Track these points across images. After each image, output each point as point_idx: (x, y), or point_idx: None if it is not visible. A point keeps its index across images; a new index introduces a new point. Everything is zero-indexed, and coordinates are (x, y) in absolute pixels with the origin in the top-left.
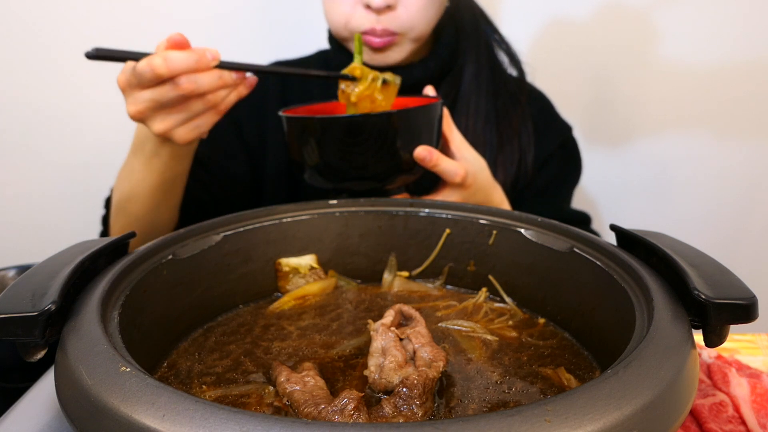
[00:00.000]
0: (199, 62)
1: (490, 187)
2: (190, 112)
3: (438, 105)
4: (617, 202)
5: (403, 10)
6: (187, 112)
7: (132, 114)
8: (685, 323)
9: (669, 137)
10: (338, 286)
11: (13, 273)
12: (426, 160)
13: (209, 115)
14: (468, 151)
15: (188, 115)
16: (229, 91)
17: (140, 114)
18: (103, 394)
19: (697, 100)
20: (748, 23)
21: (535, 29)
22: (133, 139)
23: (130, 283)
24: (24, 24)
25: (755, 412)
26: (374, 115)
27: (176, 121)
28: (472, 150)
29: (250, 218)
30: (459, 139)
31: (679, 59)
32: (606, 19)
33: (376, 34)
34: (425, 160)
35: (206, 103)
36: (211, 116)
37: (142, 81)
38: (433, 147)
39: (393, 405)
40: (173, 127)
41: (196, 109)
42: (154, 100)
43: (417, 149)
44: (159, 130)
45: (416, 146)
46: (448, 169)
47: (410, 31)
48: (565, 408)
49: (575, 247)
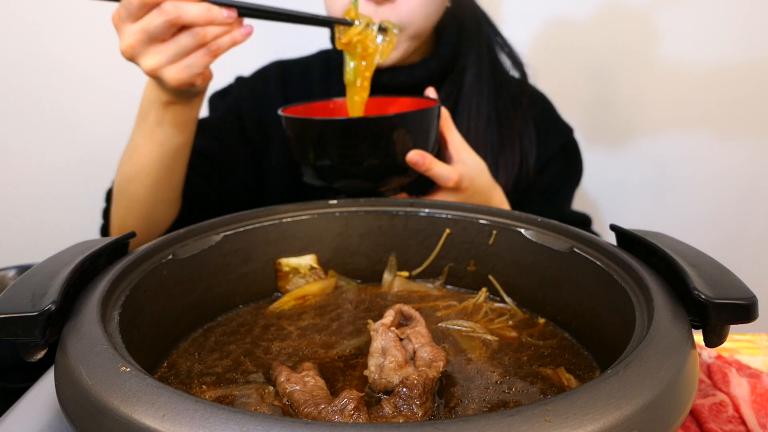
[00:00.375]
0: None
1: (490, 189)
2: (180, 46)
3: (435, 108)
4: (617, 202)
5: (403, 4)
6: (176, 47)
7: (123, 49)
8: (685, 323)
9: (669, 137)
10: (338, 286)
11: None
12: (418, 165)
13: (200, 55)
14: (467, 153)
15: (177, 50)
16: (220, 31)
17: (131, 48)
18: (103, 394)
19: (697, 100)
20: (748, 23)
21: (535, 29)
22: (138, 112)
23: (130, 283)
24: (24, 23)
25: (755, 412)
26: (371, 119)
27: (166, 56)
28: (472, 152)
29: (250, 218)
30: (458, 141)
31: (679, 59)
32: (606, 19)
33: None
34: (417, 165)
35: (195, 37)
36: (202, 56)
37: (129, 10)
38: (429, 150)
39: (393, 405)
40: (163, 63)
41: (186, 44)
42: (143, 30)
43: (409, 153)
44: (149, 65)
45: (412, 149)
46: (441, 173)
47: (408, 26)
48: (565, 408)
49: (575, 247)
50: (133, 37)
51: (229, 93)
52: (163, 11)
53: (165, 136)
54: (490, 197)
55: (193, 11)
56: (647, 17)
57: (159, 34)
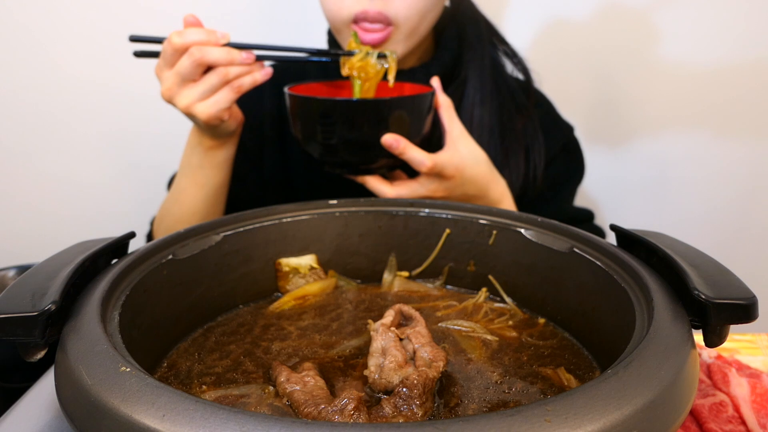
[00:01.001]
0: (209, 36)
1: (487, 181)
2: (207, 84)
3: (424, 97)
4: (617, 202)
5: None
6: (204, 85)
7: (163, 93)
8: (685, 323)
9: (669, 137)
10: (338, 286)
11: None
12: (392, 148)
13: (225, 91)
14: (463, 143)
15: (206, 88)
16: (241, 70)
17: (169, 91)
18: (103, 394)
19: (697, 100)
20: (748, 23)
21: (535, 30)
22: (182, 159)
23: (130, 283)
24: (24, 25)
25: (755, 412)
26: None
27: (197, 93)
28: (470, 143)
29: (250, 218)
30: (457, 130)
31: (679, 59)
32: (606, 19)
33: (368, 18)
34: (392, 148)
35: (220, 75)
36: (227, 92)
37: (165, 58)
38: (420, 134)
39: (393, 405)
40: (195, 100)
41: (212, 82)
42: (176, 73)
43: (384, 136)
44: (184, 104)
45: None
46: (414, 157)
47: (404, 21)
48: (565, 408)
49: (575, 247)
50: (170, 81)
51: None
52: (191, 54)
53: (206, 178)
54: (487, 189)
55: (216, 53)
56: (647, 17)
57: (189, 74)
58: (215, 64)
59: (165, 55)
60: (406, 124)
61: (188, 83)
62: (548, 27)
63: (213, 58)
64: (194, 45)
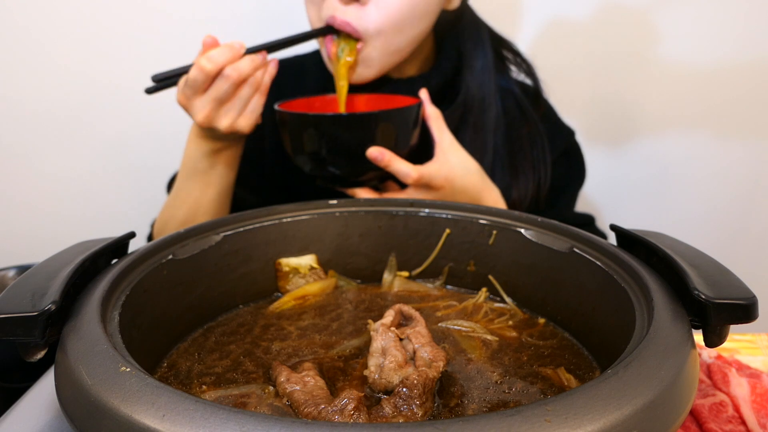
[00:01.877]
0: (234, 51)
1: (479, 190)
2: (243, 98)
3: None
4: (617, 202)
5: (373, 10)
6: (240, 100)
7: (201, 121)
8: (685, 323)
9: (669, 137)
10: (338, 286)
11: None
12: (377, 160)
13: (257, 98)
14: (453, 153)
15: (243, 102)
16: (263, 72)
17: (207, 118)
18: (103, 394)
19: (697, 100)
20: (748, 23)
21: (535, 30)
22: (181, 167)
23: (130, 283)
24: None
25: (755, 412)
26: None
27: (236, 111)
28: (461, 153)
29: (250, 218)
30: (447, 141)
31: (679, 59)
32: (606, 19)
33: (336, 24)
34: (376, 160)
35: (251, 86)
36: (259, 98)
37: (197, 86)
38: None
39: (393, 405)
40: (235, 117)
41: (246, 95)
42: (214, 99)
43: (369, 149)
44: (226, 125)
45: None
46: (400, 170)
47: (376, 36)
48: (565, 408)
49: (575, 247)
50: (207, 108)
51: None
52: (227, 77)
53: (219, 177)
54: (479, 198)
55: (247, 66)
56: (647, 17)
57: (228, 96)
58: (248, 77)
59: (195, 84)
60: (393, 137)
61: (225, 104)
62: (548, 28)
63: (246, 72)
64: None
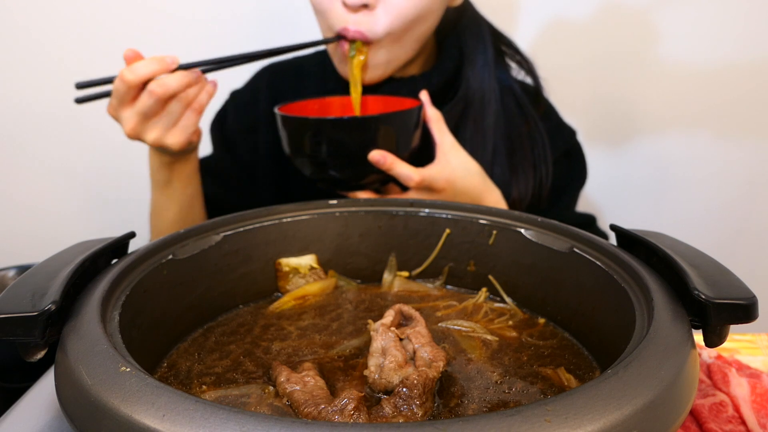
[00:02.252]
0: (161, 64)
1: (480, 192)
2: (171, 114)
3: (410, 112)
4: (617, 202)
5: (382, 14)
6: (168, 115)
7: (128, 133)
8: (685, 323)
9: (670, 137)
10: (338, 286)
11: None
12: (380, 164)
13: (189, 115)
14: (454, 155)
15: (171, 118)
16: (198, 89)
17: (134, 131)
18: (103, 394)
19: (697, 100)
20: (749, 23)
21: (535, 31)
22: (150, 178)
23: (130, 283)
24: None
25: (755, 412)
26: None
27: (163, 126)
28: (462, 154)
29: (250, 218)
30: (448, 143)
31: (679, 59)
32: (606, 19)
33: (348, 35)
34: (379, 164)
35: (181, 101)
36: (191, 116)
37: (120, 97)
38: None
39: (393, 405)
40: (163, 133)
41: (175, 110)
42: (139, 113)
43: (371, 153)
44: (153, 140)
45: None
46: (402, 173)
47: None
48: (565, 408)
49: (575, 247)
50: (133, 120)
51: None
52: (151, 92)
53: (177, 192)
54: (480, 200)
55: (174, 82)
56: (647, 17)
57: (153, 111)
58: (176, 92)
59: (118, 94)
60: (394, 140)
61: (152, 118)
62: (548, 28)
63: (173, 89)
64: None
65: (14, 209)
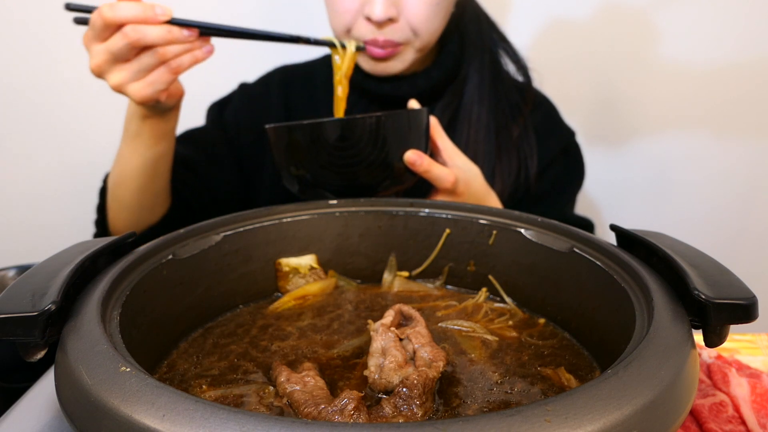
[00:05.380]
0: (146, 13)
1: (484, 194)
2: (141, 65)
3: (423, 111)
4: (618, 203)
5: (404, 22)
6: (138, 65)
7: (92, 68)
8: (685, 323)
9: (669, 137)
10: (338, 286)
11: (13, 273)
12: (416, 165)
13: (162, 72)
14: (459, 158)
15: (139, 68)
16: (181, 49)
17: (98, 67)
18: (103, 394)
19: (697, 100)
20: (748, 23)
21: (535, 31)
22: (123, 124)
23: (130, 283)
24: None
25: (755, 412)
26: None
27: (130, 74)
28: (464, 157)
29: (250, 218)
30: (450, 147)
31: (679, 59)
32: (606, 19)
33: (378, 45)
34: (415, 164)
35: (156, 56)
36: (164, 73)
37: (95, 31)
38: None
39: (393, 405)
40: (127, 81)
41: (147, 63)
42: (107, 51)
43: (407, 153)
44: (114, 83)
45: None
46: (440, 174)
47: (415, 40)
48: (565, 408)
49: (575, 247)
50: (99, 57)
51: (229, 102)
52: (125, 34)
53: (144, 147)
54: (485, 201)
55: (153, 33)
56: (647, 17)
57: (122, 54)
58: (153, 44)
59: (94, 27)
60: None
61: (120, 62)
62: (548, 27)
63: (151, 39)
64: (129, 22)
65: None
